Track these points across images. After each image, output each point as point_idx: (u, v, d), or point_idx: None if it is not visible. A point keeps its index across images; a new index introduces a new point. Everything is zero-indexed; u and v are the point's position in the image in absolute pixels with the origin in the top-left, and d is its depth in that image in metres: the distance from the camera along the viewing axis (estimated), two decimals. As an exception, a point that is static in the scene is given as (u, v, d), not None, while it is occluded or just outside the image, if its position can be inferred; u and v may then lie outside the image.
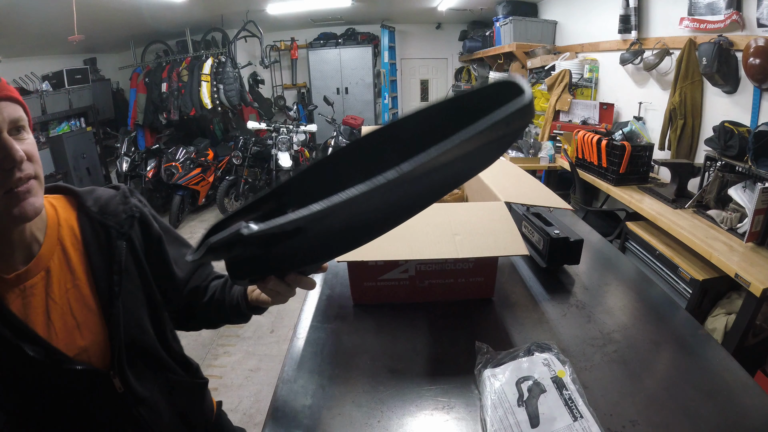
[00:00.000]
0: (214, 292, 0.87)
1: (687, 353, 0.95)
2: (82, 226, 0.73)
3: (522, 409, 0.72)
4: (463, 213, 1.08)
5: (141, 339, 0.77)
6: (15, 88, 0.66)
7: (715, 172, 2.07)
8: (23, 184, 0.61)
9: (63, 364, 0.66)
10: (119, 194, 0.79)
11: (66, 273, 0.70)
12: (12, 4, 3.16)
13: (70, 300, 0.70)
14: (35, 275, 0.67)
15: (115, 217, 0.76)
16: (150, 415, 0.78)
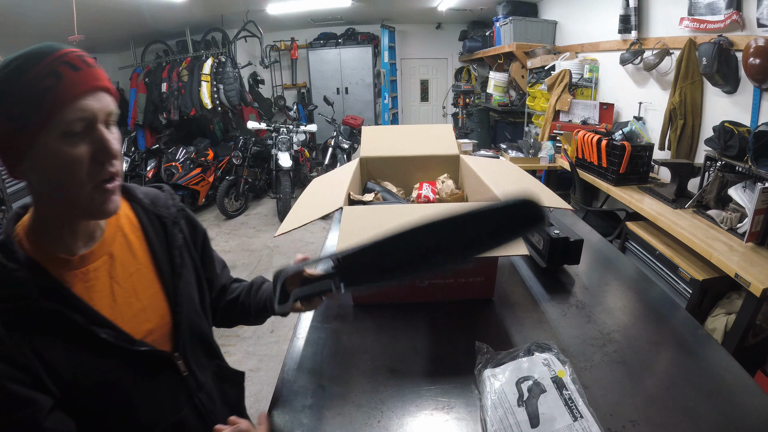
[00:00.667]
0: (238, 294, 0.91)
1: (687, 353, 0.95)
2: (138, 215, 0.76)
3: (522, 409, 0.72)
4: (463, 213, 1.08)
5: (198, 324, 0.80)
6: None
7: (715, 172, 2.07)
8: (112, 181, 0.62)
9: (133, 346, 0.67)
10: (166, 191, 0.83)
11: (129, 257, 0.71)
12: (12, 4, 3.16)
13: (134, 284, 0.71)
14: (99, 259, 0.67)
15: (167, 210, 0.79)
16: (208, 403, 0.79)
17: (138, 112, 5.36)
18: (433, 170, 1.71)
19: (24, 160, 0.58)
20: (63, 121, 0.56)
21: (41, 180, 0.60)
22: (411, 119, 7.51)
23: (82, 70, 0.59)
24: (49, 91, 0.56)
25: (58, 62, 0.57)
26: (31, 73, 0.55)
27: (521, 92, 4.69)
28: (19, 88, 0.55)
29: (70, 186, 0.59)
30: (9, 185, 3.82)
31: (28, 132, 0.56)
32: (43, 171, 0.58)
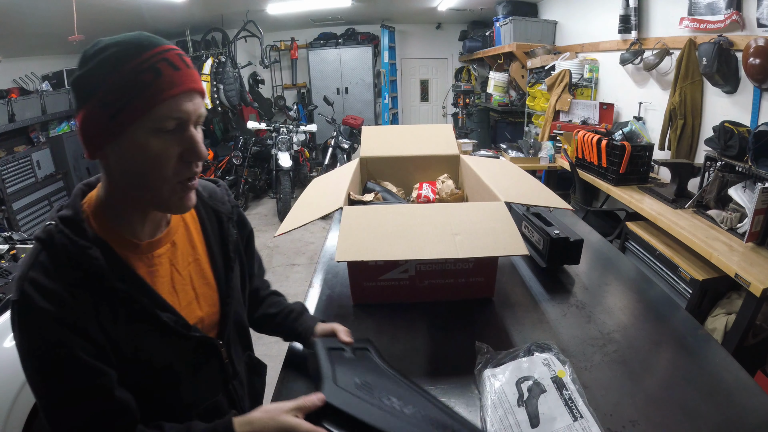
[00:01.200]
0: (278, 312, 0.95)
1: (687, 353, 0.95)
2: (197, 207, 0.77)
3: (522, 409, 0.72)
4: (463, 213, 1.08)
5: (241, 316, 0.83)
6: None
7: (715, 172, 2.07)
8: (194, 179, 0.64)
9: (188, 332, 0.69)
10: (222, 187, 0.85)
11: (188, 247, 0.74)
12: (12, 4, 3.16)
13: (191, 273, 0.73)
14: (163, 246, 0.70)
15: (223, 205, 0.82)
16: (240, 390, 0.82)
17: (138, 112, 5.35)
18: (433, 170, 1.71)
19: (109, 145, 0.59)
20: (156, 117, 0.57)
21: (124, 168, 0.60)
22: (411, 119, 7.51)
23: (181, 70, 0.59)
24: (148, 87, 0.56)
25: (159, 58, 0.57)
26: (130, 65, 0.56)
27: (521, 92, 4.69)
28: (117, 77, 0.56)
29: (155, 179, 0.60)
30: (9, 185, 3.82)
31: (119, 121, 0.56)
32: (128, 159, 0.59)
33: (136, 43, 0.57)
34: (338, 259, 0.93)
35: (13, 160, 3.88)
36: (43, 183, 4.21)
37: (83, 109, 0.58)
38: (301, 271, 3.52)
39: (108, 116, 0.56)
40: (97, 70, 0.56)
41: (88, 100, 0.57)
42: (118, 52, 0.56)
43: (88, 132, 0.59)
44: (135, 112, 0.56)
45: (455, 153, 1.70)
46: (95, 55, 0.57)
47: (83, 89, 0.58)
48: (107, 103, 0.56)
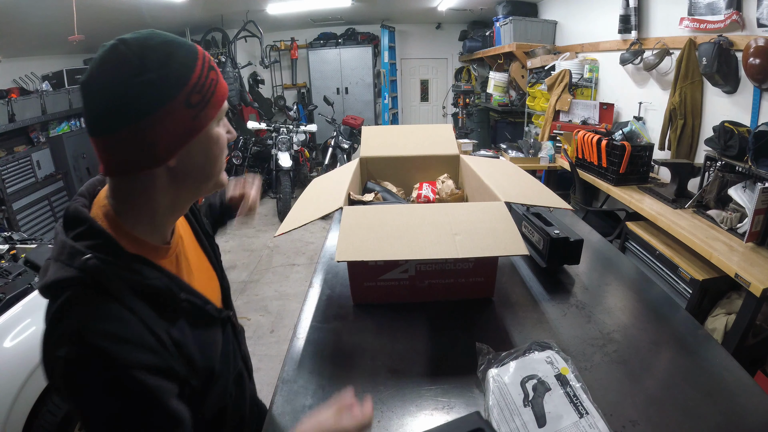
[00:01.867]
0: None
1: (687, 353, 0.95)
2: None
3: (528, 409, 0.71)
4: (463, 213, 1.08)
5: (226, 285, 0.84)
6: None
7: (715, 172, 2.07)
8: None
9: (220, 315, 0.72)
10: None
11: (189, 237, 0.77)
12: (12, 4, 3.16)
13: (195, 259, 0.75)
14: (177, 242, 0.70)
15: None
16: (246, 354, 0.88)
17: (138, 112, 5.35)
18: (433, 170, 1.71)
19: (182, 147, 0.57)
20: (222, 109, 0.61)
21: (196, 163, 0.60)
22: (411, 119, 7.51)
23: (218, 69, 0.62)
24: (216, 83, 0.59)
25: (207, 60, 0.59)
26: (199, 65, 0.56)
27: (521, 92, 4.69)
28: (195, 78, 0.55)
29: (220, 161, 0.64)
30: (9, 185, 3.82)
31: (201, 118, 0.57)
32: (203, 153, 0.60)
33: (186, 45, 0.57)
34: (338, 259, 0.93)
35: (13, 160, 3.88)
36: (43, 183, 4.21)
37: (155, 115, 0.53)
38: (301, 271, 3.52)
39: (191, 116, 0.55)
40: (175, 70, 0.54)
41: (165, 104, 0.53)
42: (185, 55, 0.55)
43: (163, 138, 0.54)
44: (215, 106, 0.58)
45: (455, 153, 1.70)
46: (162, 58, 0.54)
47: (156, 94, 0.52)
48: (193, 104, 0.55)
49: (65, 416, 1.42)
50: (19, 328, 1.41)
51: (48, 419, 1.39)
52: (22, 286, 1.55)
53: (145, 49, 0.53)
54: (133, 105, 0.52)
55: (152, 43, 0.54)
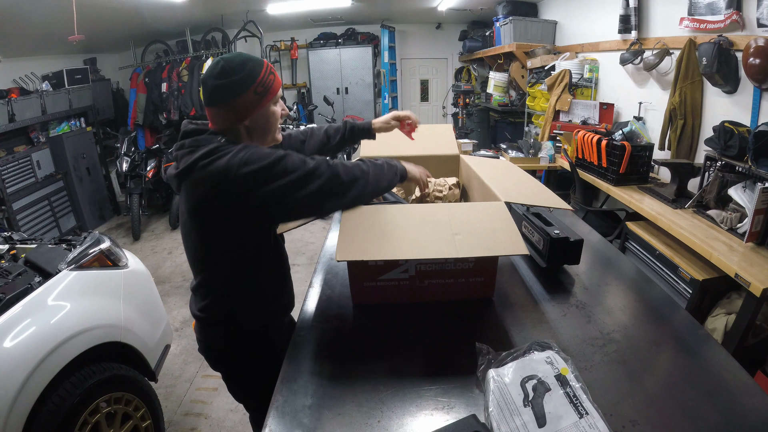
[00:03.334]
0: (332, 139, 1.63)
1: (687, 353, 0.95)
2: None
3: (528, 410, 0.71)
4: (463, 213, 1.08)
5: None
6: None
7: (715, 172, 2.07)
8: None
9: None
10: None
11: None
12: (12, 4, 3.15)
13: None
14: None
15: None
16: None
17: (138, 112, 5.35)
18: (433, 170, 1.70)
19: (252, 114, 1.02)
20: (275, 96, 1.06)
21: (259, 125, 1.05)
22: (411, 119, 7.50)
23: (276, 74, 1.07)
24: (273, 80, 1.04)
25: (270, 68, 1.04)
26: (264, 71, 1.02)
27: (521, 92, 4.69)
28: (262, 77, 1.01)
29: (275, 125, 1.09)
30: (9, 185, 3.82)
31: (263, 100, 1.02)
32: (263, 119, 1.05)
33: (258, 60, 1.03)
34: (338, 259, 0.93)
35: (13, 160, 3.88)
36: (43, 183, 4.21)
37: (239, 97, 0.99)
38: (301, 271, 3.52)
39: (258, 99, 1.01)
40: (251, 74, 0.99)
41: (245, 91, 0.99)
42: (256, 65, 1.01)
43: (242, 109, 1.01)
44: (271, 93, 1.03)
45: (455, 153, 1.70)
46: (242, 66, 0.99)
47: (240, 87, 0.98)
48: (258, 93, 1.01)
49: (65, 416, 1.42)
50: (19, 328, 1.41)
51: (48, 419, 1.39)
52: (22, 286, 1.55)
53: (233, 63, 0.99)
54: (228, 92, 0.99)
55: (238, 59, 1.00)
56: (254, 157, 0.93)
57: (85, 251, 1.79)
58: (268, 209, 0.95)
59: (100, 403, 1.56)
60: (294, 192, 0.94)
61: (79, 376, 1.51)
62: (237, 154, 0.93)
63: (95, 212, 4.93)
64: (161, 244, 4.41)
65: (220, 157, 0.93)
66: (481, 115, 5.47)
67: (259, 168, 0.92)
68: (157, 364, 1.94)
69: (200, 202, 0.95)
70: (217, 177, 0.91)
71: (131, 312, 1.81)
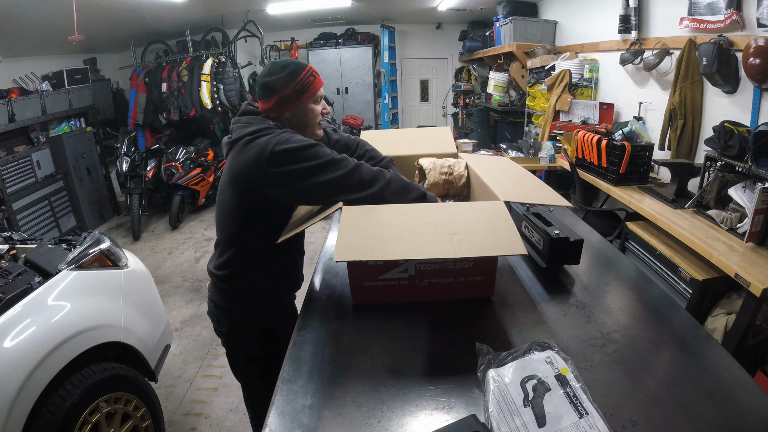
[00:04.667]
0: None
1: (687, 353, 0.95)
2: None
3: (528, 410, 0.71)
4: (462, 212, 1.08)
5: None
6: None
7: (715, 172, 2.07)
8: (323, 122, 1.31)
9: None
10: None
11: None
12: (12, 4, 3.15)
13: None
14: None
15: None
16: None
17: (138, 112, 5.35)
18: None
19: (290, 108, 1.20)
20: (314, 95, 1.22)
21: (298, 119, 1.23)
22: (411, 119, 7.51)
23: (318, 77, 1.23)
24: (312, 82, 1.21)
25: (311, 71, 1.21)
26: (304, 73, 1.19)
27: (521, 92, 4.68)
28: (301, 77, 1.18)
29: (313, 121, 1.25)
30: (9, 185, 3.82)
31: (302, 97, 1.20)
32: (302, 114, 1.22)
33: (301, 64, 1.21)
34: (337, 259, 0.93)
35: (13, 160, 3.88)
36: (43, 183, 4.21)
37: (280, 93, 1.18)
38: (301, 271, 3.52)
39: (296, 95, 1.19)
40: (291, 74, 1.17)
41: (286, 88, 1.17)
42: (294, 68, 1.18)
43: (282, 104, 1.19)
44: (310, 92, 1.20)
45: (453, 152, 1.70)
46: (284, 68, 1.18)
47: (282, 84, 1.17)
48: (297, 90, 1.18)
49: (65, 416, 1.42)
50: (19, 328, 1.41)
51: (48, 419, 1.39)
52: (22, 286, 1.55)
53: (279, 64, 1.19)
54: (271, 88, 1.18)
55: (283, 62, 1.20)
56: (291, 140, 1.08)
57: (85, 251, 1.79)
58: (290, 186, 1.08)
59: (100, 403, 1.56)
60: (315, 176, 1.06)
61: (79, 376, 1.51)
62: (278, 135, 1.09)
63: (95, 212, 4.93)
64: (161, 244, 4.41)
65: (264, 135, 1.10)
66: (481, 115, 5.47)
67: (290, 148, 1.06)
68: (157, 364, 1.94)
69: (240, 169, 1.11)
70: (257, 150, 1.07)
71: (131, 312, 1.81)
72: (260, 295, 1.32)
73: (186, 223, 4.91)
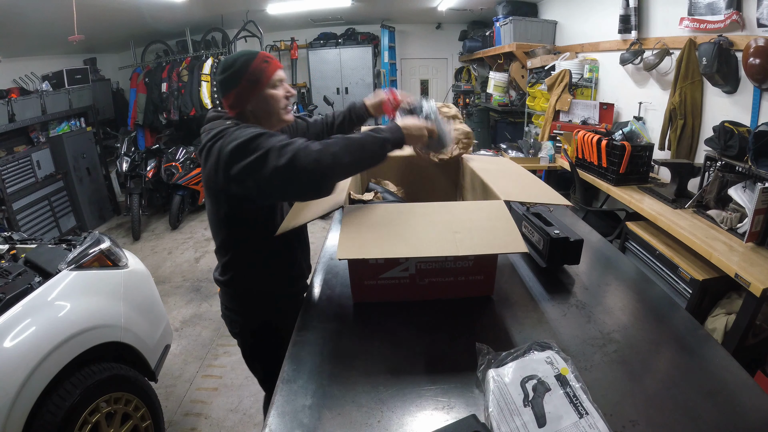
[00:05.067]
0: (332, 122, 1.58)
1: (687, 353, 0.95)
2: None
3: (528, 410, 0.71)
4: (463, 211, 1.08)
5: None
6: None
7: (715, 172, 2.07)
8: (289, 106, 1.25)
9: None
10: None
11: None
12: (12, 4, 3.15)
13: None
14: None
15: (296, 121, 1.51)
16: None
17: (138, 112, 5.35)
18: (433, 169, 1.71)
19: (251, 101, 1.18)
20: (272, 81, 1.19)
21: (260, 108, 1.20)
22: (411, 119, 7.49)
23: (272, 61, 1.20)
24: (266, 68, 1.18)
25: (263, 57, 1.18)
26: (255, 62, 1.16)
27: (521, 92, 4.69)
28: (252, 67, 1.16)
29: (276, 107, 1.21)
30: (9, 185, 3.82)
31: (258, 86, 1.17)
32: (263, 103, 1.19)
33: (250, 53, 1.18)
34: (339, 257, 0.93)
35: (13, 160, 3.88)
36: (43, 183, 4.21)
37: (235, 88, 1.16)
38: (301, 271, 3.52)
39: (251, 86, 1.17)
40: (242, 68, 1.15)
41: (239, 83, 1.15)
42: (247, 59, 1.16)
43: (239, 99, 1.18)
44: (265, 79, 1.17)
45: (455, 153, 1.70)
46: (234, 62, 1.16)
47: (236, 78, 1.15)
48: (251, 81, 1.16)
49: (65, 416, 1.42)
50: (19, 328, 1.41)
51: (48, 419, 1.39)
52: (22, 286, 1.55)
53: (228, 60, 1.18)
54: (226, 84, 1.18)
55: (232, 57, 1.18)
56: (241, 135, 1.03)
57: (85, 251, 1.79)
58: (252, 182, 1.01)
59: (100, 403, 1.56)
60: (258, 170, 0.99)
61: (79, 376, 1.51)
62: (231, 134, 1.05)
63: (95, 212, 4.93)
64: (161, 244, 4.41)
65: (220, 138, 1.08)
66: (481, 115, 5.47)
67: (239, 143, 1.01)
68: (157, 364, 1.94)
69: (207, 179, 1.13)
70: (215, 155, 1.07)
71: (131, 312, 1.81)
72: (266, 293, 1.34)
73: (186, 223, 4.91)
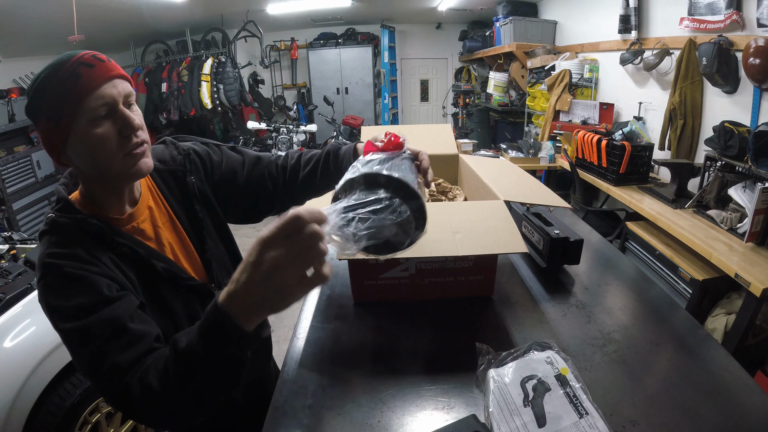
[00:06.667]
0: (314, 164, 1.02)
1: (687, 353, 0.95)
2: (152, 176, 0.87)
3: (528, 410, 0.71)
4: (463, 212, 1.08)
5: (223, 258, 0.96)
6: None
7: (715, 172, 2.07)
8: (139, 147, 0.73)
9: (182, 281, 0.81)
10: (168, 144, 0.93)
11: (162, 210, 0.86)
12: (12, 4, 3.16)
13: (170, 230, 0.86)
14: (143, 213, 0.81)
15: (174, 161, 0.90)
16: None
17: (138, 112, 5.35)
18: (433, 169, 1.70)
19: (65, 149, 0.71)
20: (88, 110, 0.67)
21: (83, 160, 0.72)
22: (411, 119, 7.51)
23: (95, 66, 0.69)
24: (73, 89, 0.66)
25: (76, 65, 0.68)
26: (56, 79, 0.67)
27: (521, 92, 4.69)
28: (50, 93, 0.67)
29: (104, 159, 0.70)
30: (9, 185, 3.82)
31: (63, 125, 0.68)
32: (81, 154, 0.71)
33: (57, 61, 0.69)
34: (339, 257, 0.93)
35: (13, 160, 3.88)
36: (43, 183, 4.21)
37: (37, 127, 0.71)
38: (301, 271, 3.51)
39: (54, 126, 0.68)
40: (37, 94, 0.68)
41: (38, 119, 0.70)
42: (46, 75, 0.68)
43: (47, 144, 0.71)
44: (71, 112, 0.67)
45: (454, 152, 1.70)
46: (32, 85, 0.69)
47: (33, 113, 0.71)
48: (50, 116, 0.68)
49: (65, 416, 1.42)
50: (19, 328, 1.41)
51: (48, 419, 1.39)
52: (22, 286, 1.55)
53: (31, 83, 0.71)
54: (33, 121, 0.72)
55: (34, 77, 0.70)
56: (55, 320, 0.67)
57: (85, 251, 1.79)
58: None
59: (100, 403, 1.56)
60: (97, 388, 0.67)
61: (79, 376, 1.51)
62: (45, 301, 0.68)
63: (95, 212, 4.93)
64: (161, 244, 4.40)
65: (39, 296, 0.70)
66: (481, 115, 5.48)
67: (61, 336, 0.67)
68: (157, 364, 1.94)
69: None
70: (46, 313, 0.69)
71: (131, 312, 1.81)
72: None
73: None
